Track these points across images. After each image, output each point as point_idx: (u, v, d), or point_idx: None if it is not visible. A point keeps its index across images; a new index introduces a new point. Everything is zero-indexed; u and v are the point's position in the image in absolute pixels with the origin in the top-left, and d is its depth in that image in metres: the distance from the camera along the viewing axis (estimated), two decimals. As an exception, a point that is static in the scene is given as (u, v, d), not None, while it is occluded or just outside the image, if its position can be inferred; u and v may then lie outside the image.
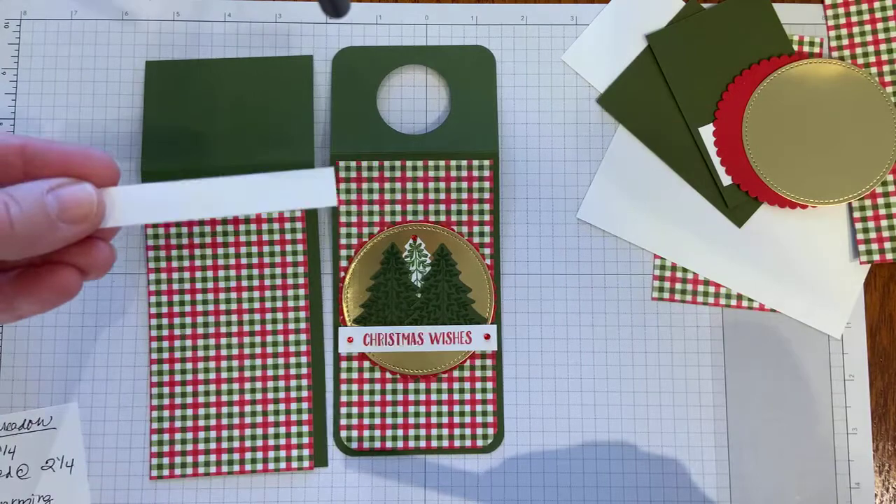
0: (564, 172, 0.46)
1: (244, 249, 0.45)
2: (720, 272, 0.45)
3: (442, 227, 0.45)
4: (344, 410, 0.44)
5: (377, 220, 0.45)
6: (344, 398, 0.44)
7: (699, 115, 0.46)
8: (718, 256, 0.45)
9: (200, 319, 0.44)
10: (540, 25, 0.47)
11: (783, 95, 0.46)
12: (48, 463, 0.43)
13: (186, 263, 0.44)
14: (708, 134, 0.46)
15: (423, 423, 0.44)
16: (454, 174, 0.45)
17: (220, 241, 0.45)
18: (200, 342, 0.44)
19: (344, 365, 0.44)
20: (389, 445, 0.44)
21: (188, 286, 0.44)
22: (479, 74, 0.46)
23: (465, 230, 0.45)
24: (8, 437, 0.43)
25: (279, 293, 0.44)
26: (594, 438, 0.44)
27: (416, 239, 0.45)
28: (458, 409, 0.44)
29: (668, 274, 0.45)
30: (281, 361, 0.44)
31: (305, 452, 0.44)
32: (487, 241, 0.45)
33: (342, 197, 0.45)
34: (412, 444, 0.44)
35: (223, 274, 0.44)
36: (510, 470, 0.44)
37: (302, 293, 0.45)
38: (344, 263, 0.45)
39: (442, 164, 0.45)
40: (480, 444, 0.44)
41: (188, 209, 0.30)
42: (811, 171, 0.45)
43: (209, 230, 0.45)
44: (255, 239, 0.45)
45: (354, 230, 0.45)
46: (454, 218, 0.45)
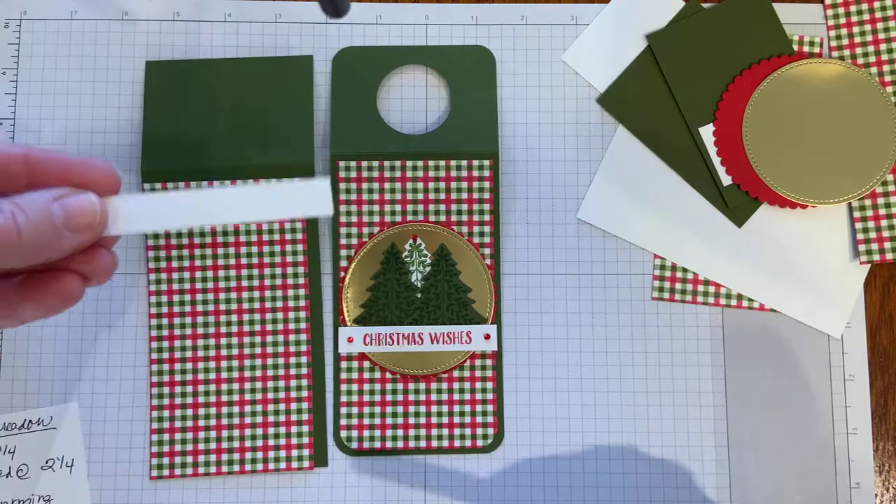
0: (564, 172, 0.46)
1: (244, 249, 0.45)
2: (720, 272, 0.45)
3: (442, 227, 0.45)
4: (344, 410, 0.44)
5: (377, 220, 0.45)
6: (344, 398, 0.44)
7: (699, 115, 0.46)
8: (718, 256, 0.45)
9: (200, 319, 0.44)
10: (540, 25, 0.47)
11: (783, 95, 0.46)
12: (48, 463, 0.43)
13: (186, 263, 0.44)
14: (708, 134, 0.46)
15: (423, 423, 0.44)
16: (454, 174, 0.45)
17: (220, 241, 0.45)
18: (200, 342, 0.44)
19: (344, 365, 0.44)
20: (389, 445, 0.44)
21: (188, 286, 0.44)
22: (479, 74, 0.46)
23: (465, 230, 0.45)
24: (8, 437, 0.43)
25: (279, 293, 0.44)
26: (594, 438, 0.44)
27: (416, 239, 0.45)
28: (458, 409, 0.44)
29: (668, 274, 0.45)
30: (281, 361, 0.44)
31: (305, 452, 0.44)
32: (487, 241, 0.45)
33: (342, 197, 0.45)
34: (412, 444, 0.44)
35: (223, 274, 0.44)
36: (510, 470, 0.44)
37: (302, 293, 0.45)
38: (344, 263, 0.45)
39: (442, 164, 0.45)
40: (480, 444, 0.44)
41: (187, 217, 0.30)
42: (811, 171, 0.45)
43: (209, 230, 0.45)
44: (255, 239, 0.45)
45: (354, 230, 0.45)
46: (454, 218, 0.45)
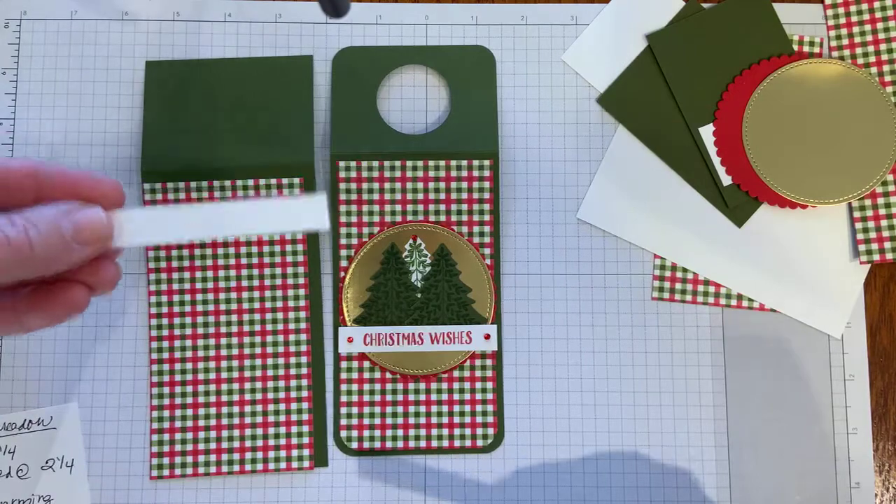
0: (564, 172, 0.46)
1: (244, 249, 0.45)
2: (720, 272, 0.45)
3: (442, 227, 0.45)
4: (344, 410, 0.44)
5: (377, 220, 0.45)
6: (344, 398, 0.44)
7: (699, 115, 0.46)
8: (718, 256, 0.45)
9: (200, 319, 0.44)
10: (540, 25, 0.47)
11: (783, 95, 0.46)
12: (48, 463, 0.43)
13: (186, 263, 0.44)
14: (708, 134, 0.46)
15: (423, 423, 0.44)
16: (454, 174, 0.45)
17: (219, 241, 0.45)
18: (200, 342, 0.44)
19: (344, 365, 0.44)
20: (389, 445, 0.44)
21: (188, 286, 0.44)
22: (479, 74, 0.46)
23: (465, 230, 0.45)
24: (8, 437, 0.43)
25: (279, 293, 0.44)
26: (594, 438, 0.44)
27: (416, 239, 0.45)
28: (458, 409, 0.44)
29: (668, 274, 0.45)
30: (281, 361, 0.44)
31: (305, 452, 0.44)
32: (487, 241, 0.45)
33: (342, 197, 0.45)
34: (412, 444, 0.44)
35: (223, 274, 0.44)
36: (510, 470, 0.44)
37: (302, 293, 0.45)
38: (344, 263, 0.45)
39: (442, 164, 0.45)
40: (480, 444, 0.44)
41: (189, 231, 0.32)
42: (811, 171, 0.45)
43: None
44: (254, 239, 0.45)
45: (354, 230, 0.45)
46: (454, 218, 0.45)
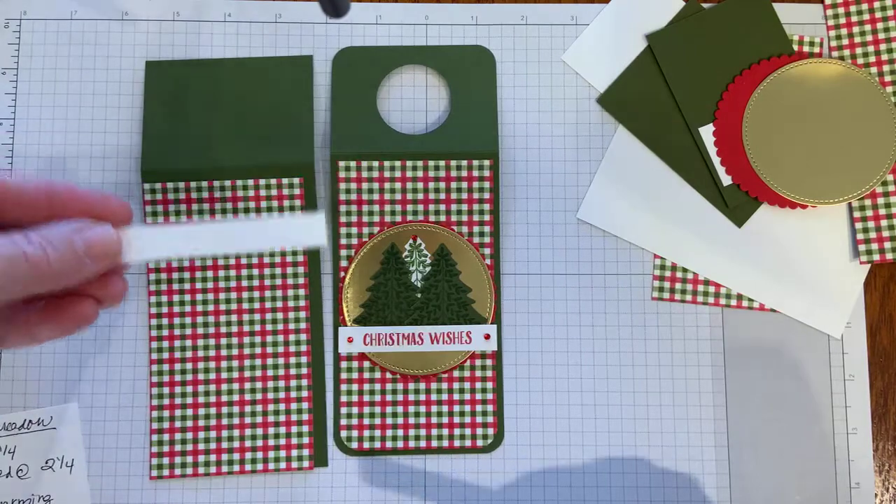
0: (564, 172, 0.46)
1: (244, 249, 0.45)
2: (720, 272, 0.45)
3: (442, 227, 0.45)
4: (344, 410, 0.44)
5: (377, 220, 0.45)
6: (344, 398, 0.44)
7: (699, 115, 0.46)
8: (718, 256, 0.45)
9: (200, 319, 0.44)
10: (540, 25, 0.47)
11: (783, 95, 0.46)
12: (48, 463, 0.43)
13: (186, 263, 0.44)
14: (708, 134, 0.46)
15: (423, 423, 0.44)
16: (454, 174, 0.45)
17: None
18: (200, 342, 0.44)
19: (344, 365, 0.44)
20: (389, 445, 0.44)
21: (188, 286, 0.44)
22: (479, 74, 0.46)
23: (465, 230, 0.45)
24: (8, 437, 0.43)
25: (279, 293, 0.44)
26: (594, 438, 0.44)
27: (416, 239, 0.45)
28: (458, 409, 0.44)
29: (668, 274, 0.45)
30: (281, 361, 0.44)
31: (305, 452, 0.44)
32: (487, 241, 0.45)
33: (342, 197, 0.45)
34: (412, 444, 0.44)
35: (223, 274, 0.44)
36: (510, 470, 0.44)
37: (302, 293, 0.45)
38: (344, 263, 0.45)
39: (442, 164, 0.45)
40: (480, 444, 0.44)
41: (193, 248, 0.33)
42: (811, 171, 0.45)
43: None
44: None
45: (354, 230, 0.45)
46: (454, 218, 0.45)
